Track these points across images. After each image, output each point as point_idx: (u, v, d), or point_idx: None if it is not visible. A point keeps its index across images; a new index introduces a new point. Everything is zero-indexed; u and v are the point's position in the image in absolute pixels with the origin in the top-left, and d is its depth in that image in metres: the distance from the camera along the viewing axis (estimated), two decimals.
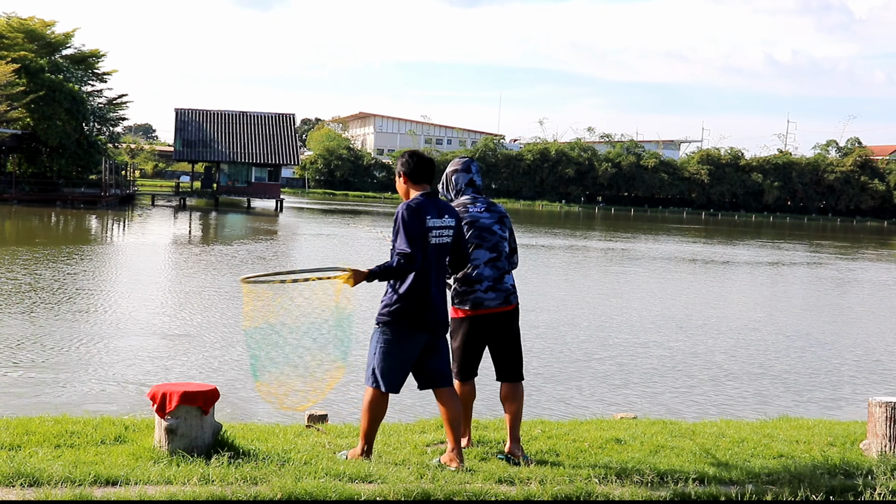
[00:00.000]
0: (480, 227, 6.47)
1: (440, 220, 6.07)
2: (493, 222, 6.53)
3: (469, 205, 6.55)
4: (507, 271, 6.51)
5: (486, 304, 6.38)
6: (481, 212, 6.54)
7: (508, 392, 6.50)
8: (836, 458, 6.48)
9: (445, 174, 6.77)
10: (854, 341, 17.37)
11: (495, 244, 6.48)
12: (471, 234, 6.43)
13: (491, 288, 6.39)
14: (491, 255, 6.44)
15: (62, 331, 14.25)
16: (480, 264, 6.41)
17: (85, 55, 69.53)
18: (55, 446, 6.04)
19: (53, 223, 41.36)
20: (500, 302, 6.41)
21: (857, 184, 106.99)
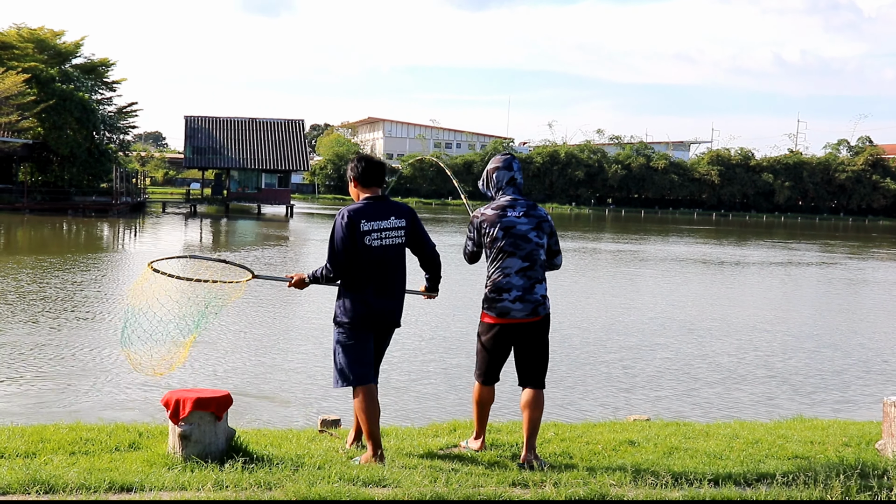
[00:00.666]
0: (516, 235, 6.36)
1: (385, 222, 6.27)
2: (529, 228, 6.39)
3: (508, 208, 6.43)
4: (539, 280, 6.40)
5: (513, 314, 6.32)
6: (519, 217, 6.40)
7: (529, 399, 6.41)
8: (852, 458, 6.45)
9: (486, 171, 6.66)
10: (867, 341, 17.30)
11: (529, 252, 6.37)
12: (505, 241, 6.34)
13: (519, 298, 6.31)
14: (523, 264, 6.34)
15: (75, 338, 14.30)
16: (511, 273, 6.33)
17: (94, 64, 69.79)
18: (70, 453, 6.06)
19: (65, 232, 41.51)
20: (527, 313, 6.33)
21: (868, 183, 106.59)
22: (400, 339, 15.25)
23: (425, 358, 13.84)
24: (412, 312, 18.37)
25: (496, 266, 6.41)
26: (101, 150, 62.29)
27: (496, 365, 6.52)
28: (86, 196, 58.37)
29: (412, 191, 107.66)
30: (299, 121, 72.77)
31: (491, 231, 6.39)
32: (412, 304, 19.60)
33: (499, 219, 6.39)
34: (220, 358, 13.27)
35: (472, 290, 22.75)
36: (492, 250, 6.42)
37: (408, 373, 12.71)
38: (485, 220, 6.43)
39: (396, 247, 6.35)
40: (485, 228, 6.43)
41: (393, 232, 6.30)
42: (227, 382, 11.47)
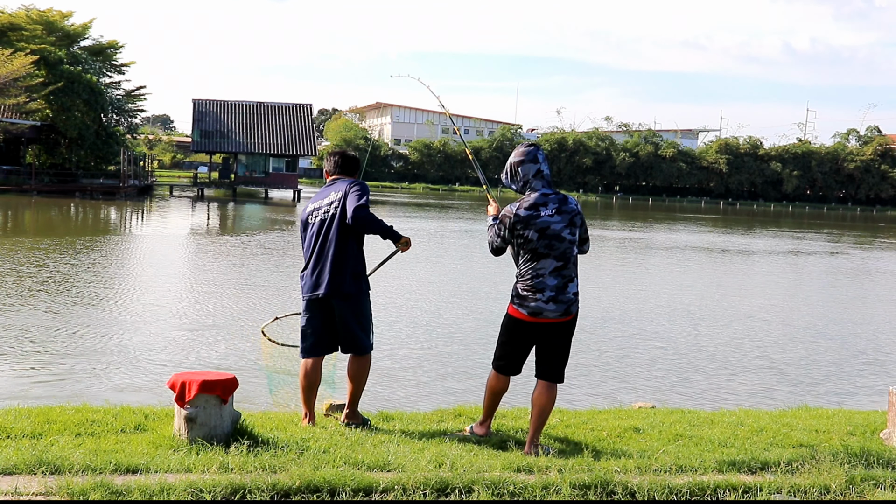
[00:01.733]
0: (551, 235, 6.24)
1: (323, 200, 6.75)
2: (563, 227, 6.28)
3: (540, 206, 6.29)
4: (571, 279, 6.33)
5: (546, 314, 6.27)
6: (552, 215, 6.26)
7: (543, 391, 6.39)
8: (856, 447, 6.44)
9: (510, 164, 6.47)
10: (871, 331, 17.27)
11: (563, 252, 6.28)
12: (540, 242, 6.24)
13: (553, 299, 6.24)
14: (557, 263, 6.25)
15: (82, 321, 14.34)
16: (545, 274, 6.24)
17: (103, 46, 69.79)
18: (76, 435, 6.07)
19: (73, 214, 41.59)
20: (559, 313, 6.28)
21: (877, 172, 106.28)
22: (406, 324, 15.26)
23: (430, 343, 13.85)
24: (414, 298, 18.37)
25: (529, 266, 6.29)
26: (109, 132, 62.34)
27: (520, 359, 6.50)
28: (93, 179, 58.49)
29: (419, 176, 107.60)
30: (307, 105, 72.69)
31: (525, 233, 6.26)
32: (415, 291, 19.61)
33: (533, 220, 6.25)
34: (226, 341, 13.30)
35: (475, 277, 22.78)
36: (525, 251, 6.30)
37: (413, 358, 12.72)
38: (518, 222, 6.28)
39: (330, 219, 6.66)
40: (518, 230, 6.29)
41: (329, 206, 6.69)
42: (234, 365, 11.49)
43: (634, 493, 5.28)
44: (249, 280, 20.38)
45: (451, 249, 30.52)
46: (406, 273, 22.65)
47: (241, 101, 72.07)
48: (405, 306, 17.23)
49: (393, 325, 14.78)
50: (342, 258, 6.64)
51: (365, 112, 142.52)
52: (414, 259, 26.54)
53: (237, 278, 20.66)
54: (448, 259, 27.36)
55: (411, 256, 27.06)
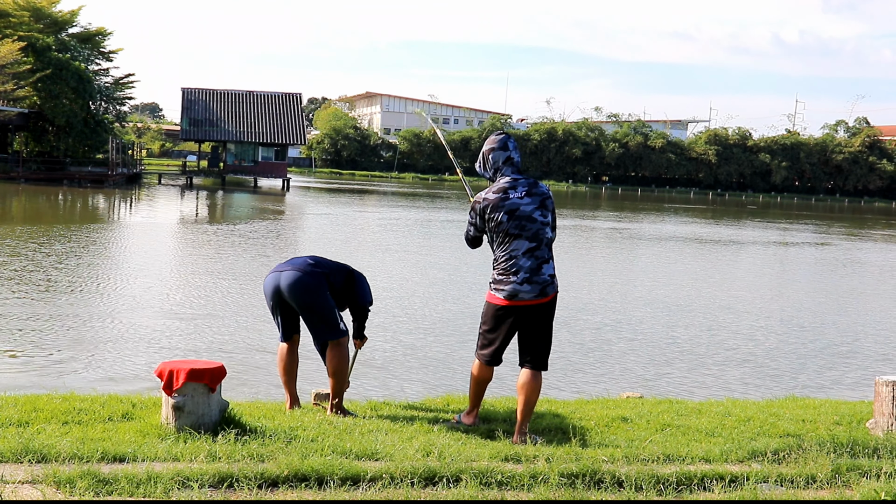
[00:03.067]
0: (521, 217, 6.25)
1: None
2: (534, 208, 6.29)
3: (509, 189, 6.32)
4: (546, 260, 6.31)
5: (522, 296, 6.25)
6: (521, 197, 6.30)
7: (528, 380, 6.40)
8: (843, 436, 6.47)
9: (482, 153, 6.54)
10: (856, 321, 17.35)
11: (535, 233, 6.27)
12: (511, 224, 6.23)
13: (527, 280, 6.23)
14: (530, 244, 6.24)
15: (69, 309, 14.30)
16: (519, 255, 6.24)
17: (91, 33, 69.42)
18: (63, 423, 6.06)
19: (60, 202, 41.43)
20: (535, 294, 6.26)
21: (865, 164, 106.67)
22: (392, 312, 15.26)
23: (418, 332, 13.86)
24: (401, 287, 18.37)
25: (503, 249, 6.30)
26: (98, 120, 62.07)
27: (501, 346, 6.49)
28: (81, 167, 58.24)
29: (409, 166, 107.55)
30: (297, 94, 72.50)
31: (495, 215, 6.28)
32: (401, 280, 19.60)
33: (502, 202, 6.28)
34: (215, 329, 13.28)
35: (462, 266, 22.83)
36: (497, 234, 6.31)
37: (401, 347, 12.73)
38: (488, 205, 6.31)
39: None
40: (488, 213, 6.31)
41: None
42: (222, 354, 11.47)
43: (622, 483, 5.29)
44: (237, 269, 20.35)
45: (438, 239, 30.50)
46: (393, 263, 22.66)
47: (230, 90, 71.83)
48: (391, 296, 17.23)
49: (379, 314, 14.77)
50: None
51: (355, 101, 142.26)
52: (401, 249, 26.54)
53: (225, 267, 20.62)
54: (435, 249, 27.36)
55: (399, 248, 27.05)
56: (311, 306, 6.75)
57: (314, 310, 6.75)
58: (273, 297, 6.87)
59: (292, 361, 7.12)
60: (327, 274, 6.84)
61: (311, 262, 6.89)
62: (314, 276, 6.75)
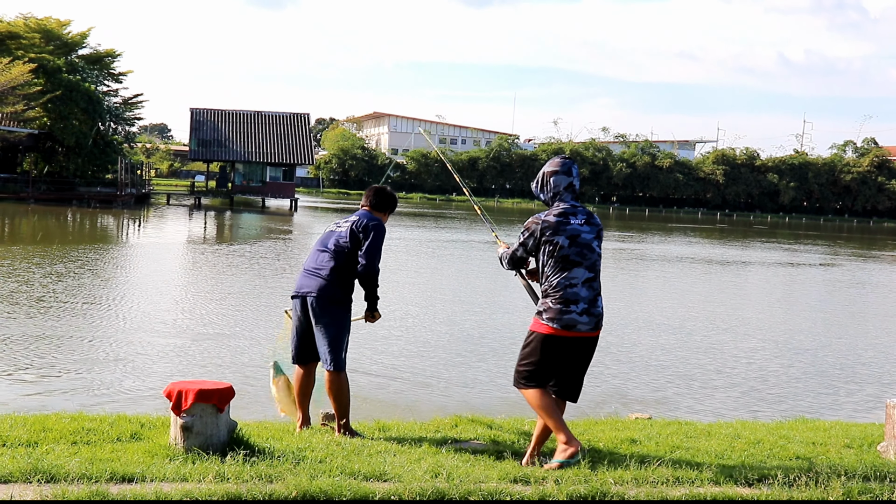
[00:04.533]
0: (581, 244, 6.14)
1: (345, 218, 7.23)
2: (592, 238, 6.20)
3: (570, 215, 6.20)
4: (599, 293, 6.22)
5: (580, 327, 6.08)
6: (581, 225, 6.18)
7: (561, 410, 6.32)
8: (854, 460, 6.44)
9: (542, 174, 6.39)
10: (868, 343, 17.27)
11: (593, 263, 6.17)
12: (572, 249, 6.11)
13: (586, 311, 6.08)
14: (588, 274, 6.13)
15: (77, 329, 14.31)
16: (578, 284, 6.09)
17: (101, 55, 69.84)
18: (72, 443, 6.06)
19: (69, 222, 41.55)
20: (591, 327, 6.13)
21: (873, 184, 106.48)
22: (401, 333, 15.24)
23: (426, 353, 13.84)
24: (410, 308, 18.36)
25: (560, 276, 6.10)
26: (107, 141, 62.33)
27: (551, 376, 6.25)
28: (90, 187, 58.42)
29: (416, 186, 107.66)
30: (305, 114, 72.73)
31: (555, 239, 6.12)
32: (411, 301, 19.56)
33: (563, 226, 6.14)
34: (223, 349, 13.27)
35: (471, 288, 22.82)
36: (555, 259, 6.12)
37: (409, 368, 12.70)
38: (548, 227, 6.15)
39: (338, 233, 7.00)
40: (547, 236, 6.14)
41: (344, 223, 7.08)
42: (230, 375, 11.47)
43: None
44: (246, 289, 20.36)
45: (447, 261, 30.51)
46: (402, 284, 22.65)
47: (238, 110, 72.11)
48: (400, 316, 17.21)
49: (388, 335, 14.76)
50: (333, 269, 6.84)
51: (362, 121, 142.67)
52: (412, 270, 26.54)
53: (234, 288, 20.64)
54: (441, 269, 27.36)
55: (410, 268, 27.04)
56: (321, 326, 6.80)
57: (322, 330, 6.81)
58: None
59: (308, 385, 7.16)
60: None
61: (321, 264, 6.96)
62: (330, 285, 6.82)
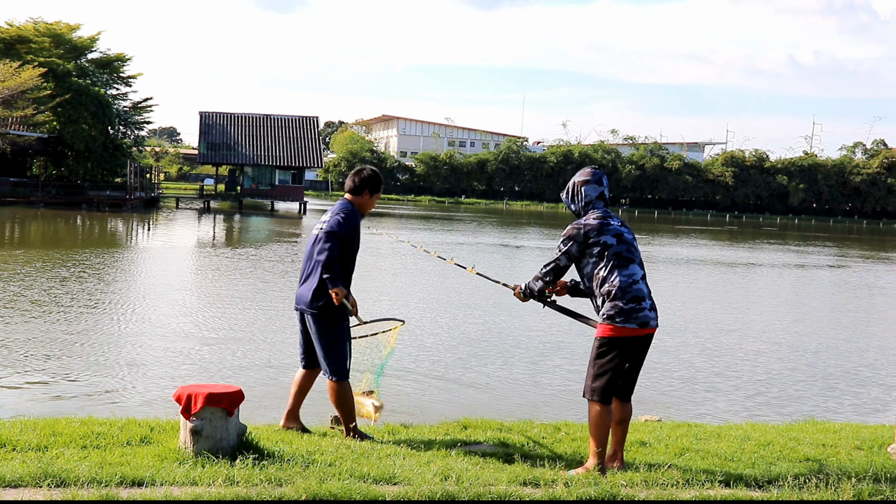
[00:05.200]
0: (627, 242, 6.18)
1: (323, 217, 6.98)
2: (632, 238, 6.27)
3: (609, 219, 6.21)
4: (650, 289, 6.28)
5: (651, 323, 6.10)
6: (620, 226, 6.22)
7: (627, 413, 6.30)
8: (864, 461, 6.42)
9: (573, 184, 6.37)
10: (877, 345, 17.21)
11: (641, 260, 6.24)
12: (622, 247, 6.13)
13: (651, 307, 6.13)
14: (642, 271, 6.17)
15: (87, 333, 14.35)
16: (638, 280, 6.10)
17: (110, 59, 70.11)
18: (81, 447, 6.07)
19: (79, 226, 41.67)
20: (657, 322, 6.19)
21: (883, 186, 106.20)
22: (408, 336, 15.24)
23: (434, 356, 13.83)
24: (417, 310, 18.36)
25: (621, 274, 6.07)
26: (116, 144, 62.55)
27: (617, 379, 6.17)
28: (100, 191, 58.63)
29: (425, 189, 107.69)
30: (313, 118, 72.84)
31: (601, 238, 6.12)
32: (417, 304, 19.54)
33: (605, 227, 6.16)
34: (233, 353, 13.29)
35: (478, 290, 22.75)
36: (605, 258, 6.10)
37: (417, 371, 12.71)
38: (591, 229, 6.15)
39: (316, 238, 6.81)
40: (592, 238, 6.14)
41: (321, 224, 6.85)
42: (240, 378, 11.48)
43: None
44: (254, 293, 20.39)
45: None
46: (406, 285, 22.65)
47: (247, 114, 72.25)
48: (407, 318, 17.21)
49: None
50: (319, 279, 6.72)
51: (371, 124, 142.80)
52: (417, 272, 26.54)
53: (242, 291, 20.67)
54: (449, 271, 27.36)
55: (415, 270, 27.03)
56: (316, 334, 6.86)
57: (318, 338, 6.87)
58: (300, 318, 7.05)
59: (305, 386, 7.19)
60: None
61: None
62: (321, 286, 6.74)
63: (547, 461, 6.26)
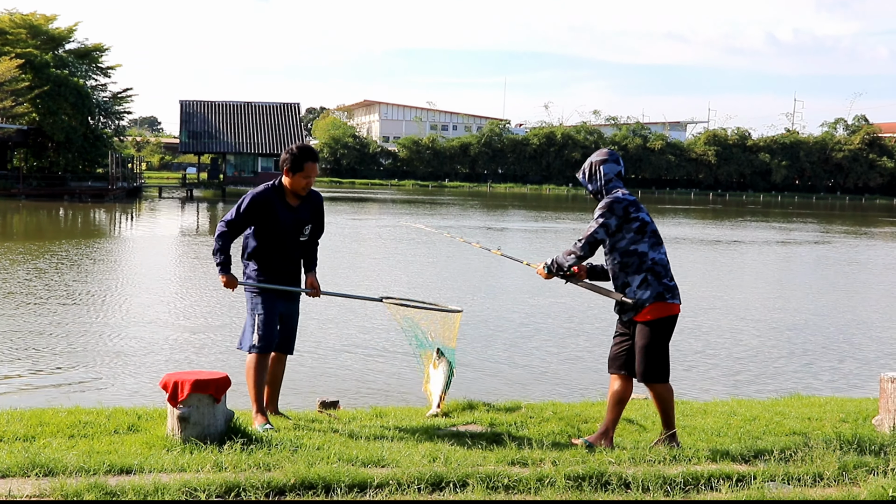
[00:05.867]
0: (653, 224, 6.28)
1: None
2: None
3: (637, 202, 6.24)
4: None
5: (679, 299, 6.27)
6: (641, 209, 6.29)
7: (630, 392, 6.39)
8: (849, 434, 6.47)
9: (591, 164, 6.32)
10: (860, 319, 17.34)
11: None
12: (653, 224, 6.24)
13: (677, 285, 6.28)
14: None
15: (72, 323, 14.30)
16: (667, 260, 6.26)
17: (88, 49, 69.55)
18: (69, 437, 6.06)
19: (62, 217, 41.45)
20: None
21: (865, 161, 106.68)
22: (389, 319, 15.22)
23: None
24: (408, 293, 18.36)
25: (659, 252, 6.19)
26: (97, 135, 62.19)
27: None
28: (81, 182, 58.28)
29: (409, 173, 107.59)
30: (295, 104, 72.61)
31: (639, 214, 6.16)
32: (400, 286, 19.45)
33: (640, 203, 6.25)
34: (219, 340, 13.28)
35: (461, 274, 22.80)
36: (644, 234, 6.14)
37: (405, 352, 12.72)
38: (630, 204, 6.17)
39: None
40: (632, 212, 6.15)
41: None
42: (226, 365, 11.47)
43: (629, 484, 5.29)
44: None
45: (437, 247, 30.48)
46: (388, 270, 22.64)
47: (228, 102, 71.96)
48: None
49: (374, 321, 14.76)
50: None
51: (353, 110, 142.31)
52: (401, 256, 26.53)
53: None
54: (434, 257, 27.36)
55: (397, 254, 26.99)
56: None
57: None
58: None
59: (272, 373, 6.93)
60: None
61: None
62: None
63: (535, 441, 6.29)
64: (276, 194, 6.79)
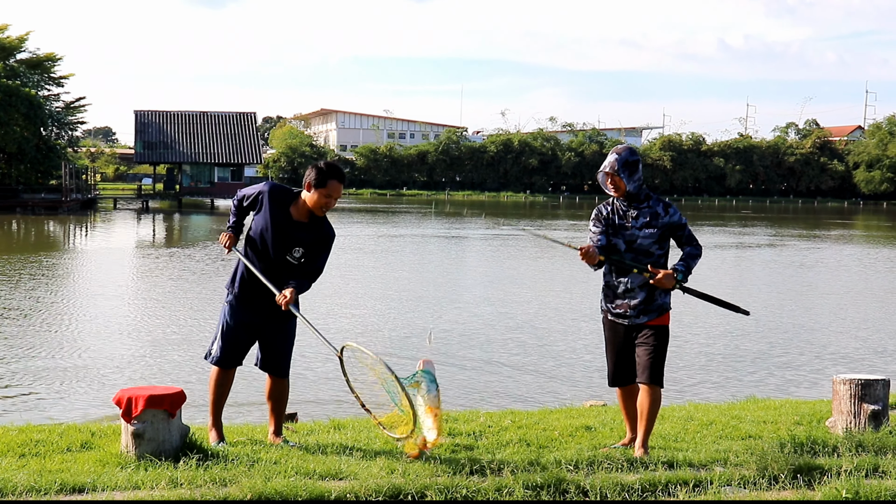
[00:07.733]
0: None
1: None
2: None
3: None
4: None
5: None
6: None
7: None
8: (803, 436, 6.54)
9: (633, 161, 6.55)
10: (814, 321, 17.56)
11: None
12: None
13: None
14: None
15: (26, 340, 14.08)
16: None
17: (40, 59, 68.66)
18: (20, 455, 5.95)
19: (14, 230, 40.84)
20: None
21: (816, 165, 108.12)
22: (358, 327, 15.19)
23: (383, 348, 13.81)
24: (368, 303, 18.28)
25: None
26: (50, 146, 61.35)
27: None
28: (34, 193, 57.46)
29: (366, 182, 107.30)
30: (251, 113, 72.21)
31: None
32: (369, 295, 19.39)
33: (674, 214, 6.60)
34: (174, 354, 13.14)
35: (430, 281, 22.81)
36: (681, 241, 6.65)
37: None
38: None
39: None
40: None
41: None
42: (182, 379, 11.35)
43: (587, 492, 5.30)
44: (195, 293, 20.17)
45: (396, 255, 30.48)
46: (352, 280, 22.58)
47: (184, 111, 71.37)
48: (357, 313, 17.16)
49: (342, 330, 14.71)
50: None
51: (310, 119, 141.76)
52: (375, 266, 26.46)
53: (183, 291, 20.43)
54: (404, 264, 27.32)
55: (372, 262, 26.91)
56: None
57: None
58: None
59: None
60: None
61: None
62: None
63: (494, 450, 6.28)
64: (288, 198, 6.47)
